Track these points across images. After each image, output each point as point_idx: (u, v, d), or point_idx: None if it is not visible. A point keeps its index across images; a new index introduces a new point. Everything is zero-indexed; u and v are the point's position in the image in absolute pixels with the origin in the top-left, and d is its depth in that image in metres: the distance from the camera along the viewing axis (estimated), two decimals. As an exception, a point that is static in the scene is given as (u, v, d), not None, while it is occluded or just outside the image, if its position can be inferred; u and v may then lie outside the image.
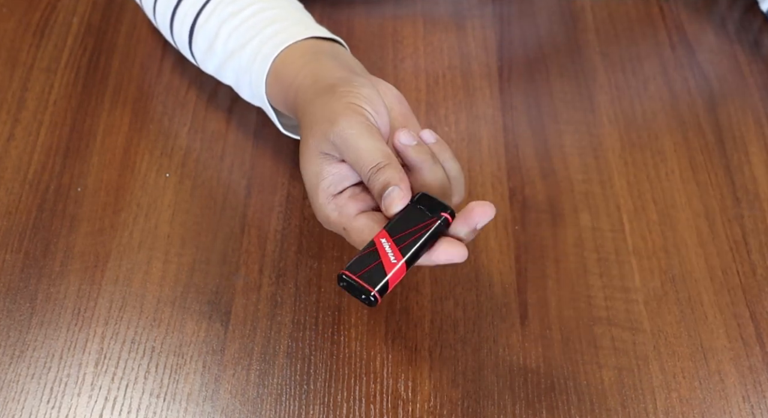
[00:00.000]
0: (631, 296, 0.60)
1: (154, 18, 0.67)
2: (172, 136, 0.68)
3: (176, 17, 0.64)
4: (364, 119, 0.50)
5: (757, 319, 0.59)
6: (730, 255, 0.62)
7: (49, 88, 0.71)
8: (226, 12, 0.61)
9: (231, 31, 0.61)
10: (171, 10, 0.64)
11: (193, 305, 0.59)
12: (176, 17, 0.64)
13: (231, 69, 0.62)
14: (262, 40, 0.59)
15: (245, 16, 0.61)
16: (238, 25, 0.60)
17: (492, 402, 0.55)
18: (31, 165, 0.66)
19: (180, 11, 0.63)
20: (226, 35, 0.61)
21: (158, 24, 0.67)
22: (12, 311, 0.58)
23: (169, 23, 0.65)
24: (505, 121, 0.70)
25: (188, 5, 0.63)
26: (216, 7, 0.62)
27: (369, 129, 0.49)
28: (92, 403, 0.54)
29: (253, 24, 0.60)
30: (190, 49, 0.65)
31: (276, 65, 0.58)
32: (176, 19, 0.64)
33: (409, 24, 0.77)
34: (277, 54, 0.57)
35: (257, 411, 0.54)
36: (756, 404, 0.55)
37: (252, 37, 0.60)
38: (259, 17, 0.60)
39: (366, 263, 0.47)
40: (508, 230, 0.63)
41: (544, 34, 0.77)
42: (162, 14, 0.65)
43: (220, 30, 0.61)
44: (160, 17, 0.66)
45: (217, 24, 0.61)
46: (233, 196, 0.64)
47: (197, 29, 0.63)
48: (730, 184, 0.66)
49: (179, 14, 0.63)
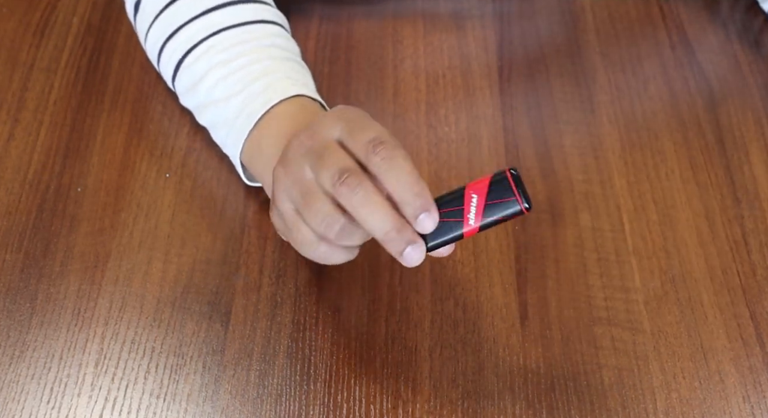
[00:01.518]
0: (631, 296, 0.60)
1: (145, 43, 0.67)
2: (172, 136, 0.68)
3: (164, 52, 0.64)
4: None
5: (757, 319, 0.59)
6: (730, 255, 0.62)
7: (49, 88, 0.71)
8: (215, 60, 0.61)
9: (218, 79, 0.60)
10: (162, 41, 0.64)
11: (193, 306, 0.59)
12: (164, 52, 0.64)
13: (210, 113, 0.61)
14: (249, 97, 0.59)
15: (234, 67, 0.60)
16: (226, 76, 0.60)
17: (492, 402, 0.55)
18: (31, 165, 0.66)
19: (169, 46, 0.63)
20: (212, 82, 0.60)
21: (147, 50, 0.67)
22: (12, 311, 0.58)
23: (157, 55, 0.65)
24: (505, 121, 0.70)
25: (180, 40, 0.62)
26: (208, 51, 0.61)
27: None
28: (92, 403, 0.54)
29: (241, 77, 0.59)
30: (173, 84, 0.65)
31: (259, 127, 0.58)
32: (164, 53, 0.64)
33: (409, 24, 0.77)
34: (262, 114, 0.57)
35: (257, 411, 0.54)
36: (756, 404, 0.55)
37: (239, 90, 0.59)
38: (248, 69, 0.60)
39: (448, 213, 0.47)
40: (508, 230, 0.63)
41: (544, 34, 0.77)
42: (152, 43, 0.65)
43: (207, 75, 0.61)
44: (150, 47, 0.66)
45: (204, 68, 0.61)
46: (233, 196, 0.64)
47: (183, 68, 0.62)
48: (730, 184, 0.66)
49: (168, 49, 0.63)
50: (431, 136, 0.68)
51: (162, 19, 0.64)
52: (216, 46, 0.61)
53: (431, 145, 0.68)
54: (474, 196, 0.47)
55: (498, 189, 0.47)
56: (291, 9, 0.73)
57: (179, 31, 0.62)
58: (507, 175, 0.47)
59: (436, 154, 0.67)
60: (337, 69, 0.64)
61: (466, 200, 0.47)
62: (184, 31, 0.62)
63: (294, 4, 0.75)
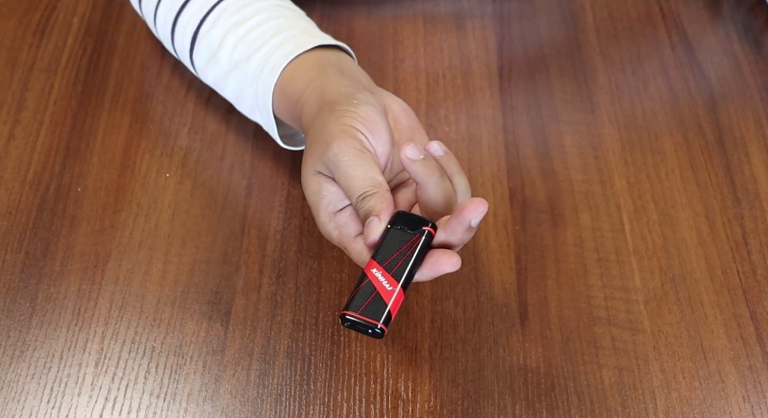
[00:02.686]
0: (631, 296, 0.60)
1: (154, 25, 0.66)
2: (172, 136, 0.68)
3: (178, 25, 0.64)
4: (358, 144, 0.50)
5: (757, 319, 0.59)
6: (730, 255, 0.62)
7: (49, 88, 0.71)
8: (230, 21, 0.61)
9: (236, 41, 0.60)
10: (173, 17, 0.64)
11: (193, 305, 0.59)
12: (178, 25, 0.64)
13: (234, 79, 0.61)
14: (269, 51, 0.59)
15: (250, 25, 0.60)
16: (243, 35, 0.60)
17: (492, 402, 0.55)
18: (31, 165, 0.66)
19: (182, 19, 0.63)
20: (231, 45, 0.60)
21: (158, 32, 0.67)
22: (12, 311, 0.58)
23: (170, 31, 0.65)
24: (505, 121, 0.70)
25: (191, 13, 0.62)
26: (220, 16, 0.61)
27: (360, 155, 0.49)
28: (92, 403, 0.54)
29: (259, 34, 0.60)
30: (191, 57, 0.64)
31: (283, 79, 0.57)
32: (178, 27, 0.64)
33: (409, 24, 0.77)
34: (285, 65, 0.57)
35: (257, 411, 0.54)
36: (756, 404, 0.55)
37: (258, 47, 0.59)
38: (265, 27, 0.60)
39: (364, 297, 0.46)
40: (508, 230, 0.63)
41: (544, 34, 0.77)
42: (163, 22, 0.65)
43: (225, 40, 0.61)
44: (161, 24, 0.65)
45: (221, 33, 0.61)
46: (233, 196, 0.64)
47: (200, 38, 0.62)
48: (730, 184, 0.66)
49: (181, 22, 0.63)
50: (431, 136, 0.68)
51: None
52: (228, 8, 0.61)
53: (431, 145, 0.68)
54: (374, 270, 0.47)
55: (395, 240, 0.48)
56: (291, 9, 0.73)
57: (188, 4, 0.62)
58: (389, 228, 0.48)
59: (436, 154, 0.67)
60: (337, 69, 0.65)
61: (371, 278, 0.47)
62: (193, 2, 0.62)
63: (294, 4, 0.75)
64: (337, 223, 0.51)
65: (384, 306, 0.46)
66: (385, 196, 0.49)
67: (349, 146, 0.50)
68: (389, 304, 0.46)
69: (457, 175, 0.51)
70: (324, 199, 0.51)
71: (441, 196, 0.50)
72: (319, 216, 0.51)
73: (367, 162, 0.50)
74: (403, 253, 0.47)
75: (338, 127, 0.50)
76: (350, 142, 0.50)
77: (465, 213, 0.47)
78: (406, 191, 0.54)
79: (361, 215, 0.49)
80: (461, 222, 0.47)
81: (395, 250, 0.48)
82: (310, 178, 0.52)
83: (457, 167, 0.51)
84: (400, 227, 0.48)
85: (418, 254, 0.47)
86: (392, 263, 0.47)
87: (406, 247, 0.48)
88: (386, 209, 0.48)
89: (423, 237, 0.48)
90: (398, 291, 0.46)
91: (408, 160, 0.49)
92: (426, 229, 0.48)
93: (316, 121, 0.52)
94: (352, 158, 0.49)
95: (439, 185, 0.49)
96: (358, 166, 0.49)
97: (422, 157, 0.49)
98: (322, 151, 0.50)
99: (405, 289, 0.47)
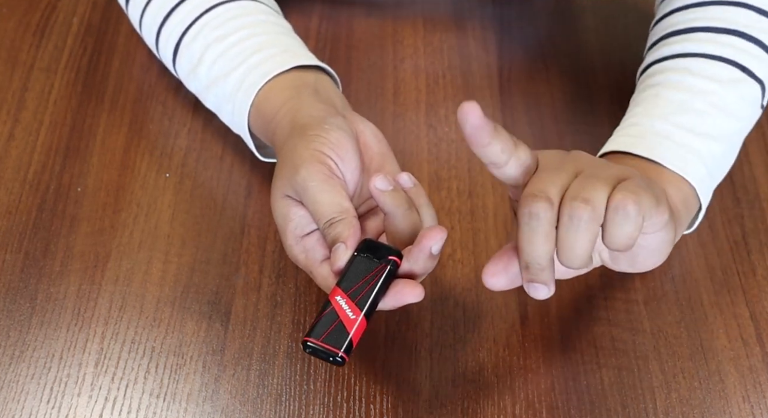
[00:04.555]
0: (631, 296, 0.60)
1: (140, 30, 0.67)
2: (172, 136, 0.68)
3: (161, 35, 0.64)
4: (326, 169, 0.50)
5: (757, 319, 0.59)
6: (730, 255, 0.62)
7: (49, 88, 0.71)
8: (212, 36, 0.61)
9: (216, 57, 0.60)
10: (158, 25, 0.64)
11: (193, 305, 0.59)
12: (161, 35, 0.64)
13: (213, 95, 0.62)
14: (247, 70, 0.59)
15: (231, 42, 0.60)
16: (223, 52, 0.60)
17: (492, 402, 0.55)
18: (31, 165, 0.66)
19: (165, 30, 0.63)
20: (210, 61, 0.61)
21: (145, 39, 0.67)
22: (12, 311, 0.58)
23: (155, 39, 0.65)
24: (505, 121, 0.70)
25: (175, 23, 0.63)
26: (202, 29, 0.61)
27: (329, 181, 0.50)
28: (92, 403, 0.54)
29: (238, 52, 0.60)
30: (174, 68, 0.65)
31: (259, 98, 0.58)
32: (161, 36, 0.64)
33: (409, 24, 0.77)
34: (261, 85, 0.58)
35: (257, 411, 0.54)
36: (756, 404, 0.55)
37: (236, 66, 0.59)
38: (245, 44, 0.60)
39: (326, 324, 0.47)
40: (508, 230, 0.63)
41: (544, 34, 0.77)
42: (148, 30, 0.65)
43: (204, 55, 0.61)
44: (146, 31, 0.66)
45: (201, 47, 0.61)
46: (233, 196, 0.64)
47: (182, 49, 0.63)
48: (730, 185, 0.66)
49: (164, 32, 0.63)
50: (431, 136, 0.68)
51: (153, 4, 0.64)
52: (210, 23, 0.61)
53: (431, 145, 0.68)
54: (338, 298, 0.48)
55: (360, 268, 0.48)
56: (291, 9, 0.73)
57: (172, 14, 0.63)
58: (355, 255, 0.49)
59: (436, 154, 0.67)
60: (337, 69, 0.64)
61: (335, 305, 0.48)
62: (177, 13, 0.63)
63: (294, 4, 0.75)
64: (304, 246, 0.52)
65: (346, 335, 0.47)
66: (351, 223, 0.49)
67: (318, 171, 0.50)
68: (351, 332, 0.47)
69: (425, 207, 0.51)
70: (291, 223, 0.52)
71: (408, 228, 0.50)
72: (287, 239, 0.52)
73: (335, 188, 0.50)
74: (367, 281, 0.48)
75: (308, 151, 0.51)
76: (319, 168, 0.50)
77: (425, 241, 0.48)
78: (375, 219, 0.54)
79: (328, 240, 0.50)
80: (422, 250, 0.48)
81: (360, 278, 0.48)
82: (278, 201, 0.52)
83: (425, 199, 0.52)
84: (366, 255, 0.49)
85: (383, 283, 0.48)
86: (357, 291, 0.48)
87: (371, 276, 0.48)
88: (353, 236, 0.49)
89: (388, 267, 0.48)
90: (361, 320, 0.47)
91: (377, 191, 0.49)
92: (392, 258, 0.48)
93: (287, 144, 0.53)
94: (320, 184, 0.50)
95: (406, 217, 0.50)
96: (326, 192, 0.50)
97: (391, 189, 0.50)
98: (291, 175, 0.51)
99: (368, 318, 0.47)
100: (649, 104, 0.58)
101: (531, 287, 0.46)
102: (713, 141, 0.56)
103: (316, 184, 0.50)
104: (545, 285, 0.46)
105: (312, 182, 0.50)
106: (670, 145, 0.55)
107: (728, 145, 0.58)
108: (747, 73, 0.58)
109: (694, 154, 0.55)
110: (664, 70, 0.60)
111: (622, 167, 0.47)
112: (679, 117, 0.56)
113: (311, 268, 0.51)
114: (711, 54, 0.58)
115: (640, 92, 0.61)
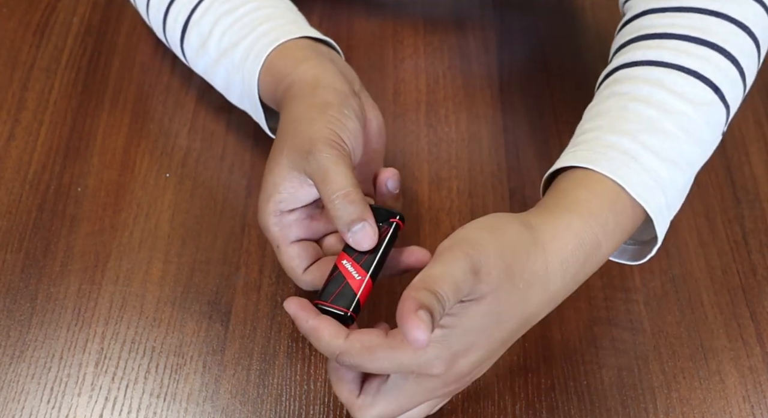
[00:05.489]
0: (631, 296, 0.60)
1: (147, 15, 0.67)
2: (172, 136, 0.68)
3: (170, 14, 0.64)
4: (343, 151, 0.51)
5: (757, 319, 0.59)
6: (730, 255, 0.62)
7: (49, 88, 0.71)
8: (220, 10, 0.61)
9: (225, 29, 0.61)
10: (165, 6, 0.64)
11: (194, 305, 0.59)
12: (170, 14, 0.64)
13: (223, 67, 0.61)
14: (256, 38, 0.59)
15: (240, 14, 0.60)
16: (232, 24, 0.60)
17: (492, 402, 0.55)
18: (31, 165, 0.66)
19: (174, 8, 0.63)
20: (219, 34, 0.61)
21: (150, 20, 0.67)
22: (12, 311, 0.58)
23: (162, 19, 0.65)
24: (505, 121, 0.70)
25: (183, 2, 0.63)
26: (211, 5, 0.61)
27: (345, 160, 0.51)
28: (92, 403, 0.54)
29: (247, 22, 0.60)
30: (182, 46, 0.65)
31: (271, 60, 0.58)
32: (170, 16, 0.64)
33: (409, 24, 0.77)
34: (271, 50, 0.58)
35: (257, 411, 0.54)
36: (756, 404, 0.55)
37: (246, 34, 0.60)
38: (253, 15, 0.60)
39: (335, 287, 0.49)
40: (508, 230, 0.63)
41: (544, 34, 0.77)
42: (155, 10, 0.65)
43: (214, 28, 0.61)
44: (153, 14, 0.66)
45: (211, 22, 0.61)
46: (233, 196, 0.64)
47: (191, 26, 0.62)
48: (730, 185, 0.66)
49: (173, 11, 0.63)
50: (431, 136, 0.68)
51: None
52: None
53: (431, 145, 0.68)
54: (344, 261, 0.50)
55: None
56: (291, 9, 0.73)
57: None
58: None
59: (436, 154, 0.67)
60: (337, 69, 0.64)
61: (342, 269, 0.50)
62: None
63: (294, 4, 0.75)
64: (281, 221, 0.52)
65: (353, 295, 0.49)
66: (366, 203, 0.51)
67: (335, 147, 0.51)
68: (359, 293, 0.49)
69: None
70: (280, 195, 0.52)
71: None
72: (267, 206, 0.52)
73: (349, 166, 0.51)
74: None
75: (327, 130, 0.51)
76: (335, 145, 0.51)
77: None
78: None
79: (345, 217, 0.50)
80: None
81: None
82: (278, 169, 0.52)
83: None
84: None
85: (387, 245, 0.50)
86: (362, 254, 0.50)
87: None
88: (372, 216, 0.50)
89: (391, 229, 0.50)
90: (367, 280, 0.49)
91: (385, 188, 0.54)
92: (394, 221, 0.51)
93: (305, 114, 0.53)
94: (338, 158, 0.50)
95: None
96: (343, 166, 0.50)
97: (396, 193, 0.54)
98: (306, 149, 0.51)
99: (374, 278, 0.50)
100: (615, 117, 0.54)
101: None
102: (677, 169, 0.53)
103: (332, 156, 0.50)
104: None
105: (328, 154, 0.50)
106: (636, 169, 0.51)
107: (690, 176, 0.55)
108: (719, 95, 0.54)
109: (657, 183, 0.52)
110: (635, 78, 0.55)
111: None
112: (648, 136, 0.52)
113: (280, 243, 0.52)
114: (686, 67, 0.54)
115: (605, 99, 0.56)
